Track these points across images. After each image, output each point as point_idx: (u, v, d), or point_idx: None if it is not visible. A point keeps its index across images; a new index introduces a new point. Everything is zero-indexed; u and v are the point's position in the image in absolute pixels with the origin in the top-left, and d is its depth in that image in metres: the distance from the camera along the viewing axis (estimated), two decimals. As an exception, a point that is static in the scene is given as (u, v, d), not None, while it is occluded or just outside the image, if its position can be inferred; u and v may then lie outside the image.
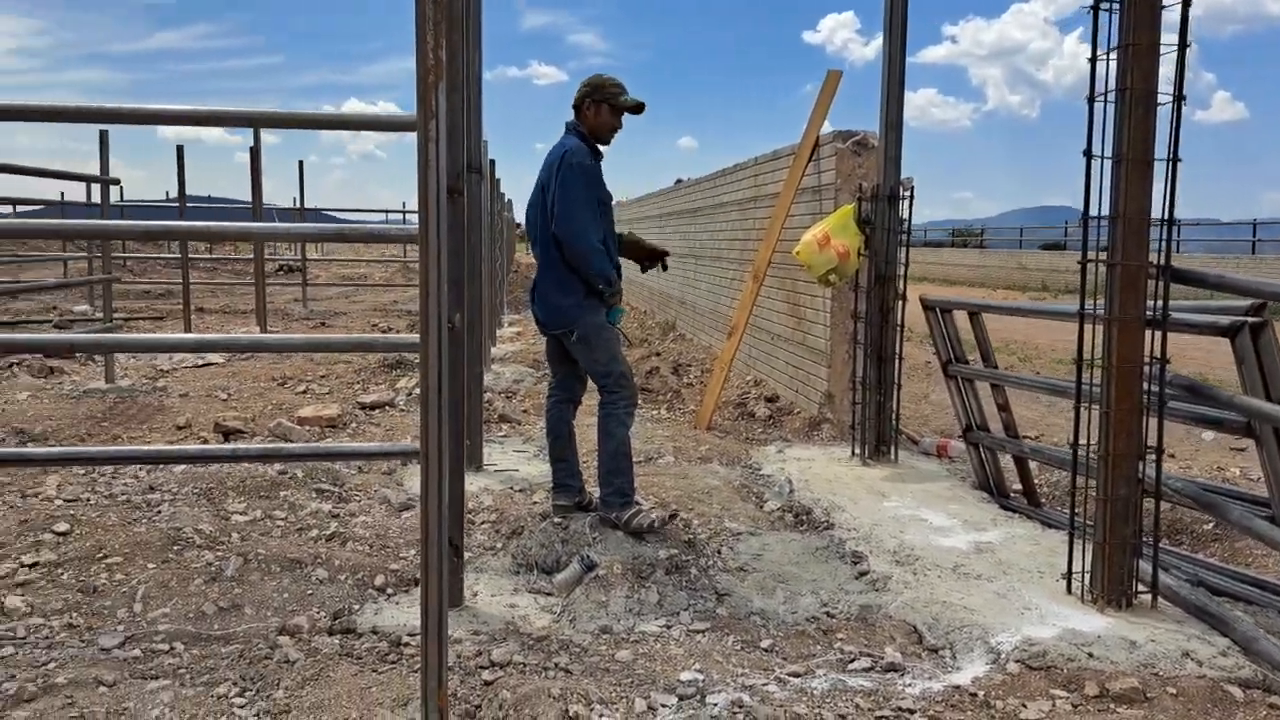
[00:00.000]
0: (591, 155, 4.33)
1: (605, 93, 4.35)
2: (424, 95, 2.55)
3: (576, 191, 4.21)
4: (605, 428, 4.34)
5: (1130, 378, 3.66)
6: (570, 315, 4.32)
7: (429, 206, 2.57)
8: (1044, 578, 3.97)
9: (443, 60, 2.55)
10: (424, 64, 2.55)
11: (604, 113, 4.37)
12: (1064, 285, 25.46)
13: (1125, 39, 3.54)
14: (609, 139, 4.44)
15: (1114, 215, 3.62)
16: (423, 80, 2.55)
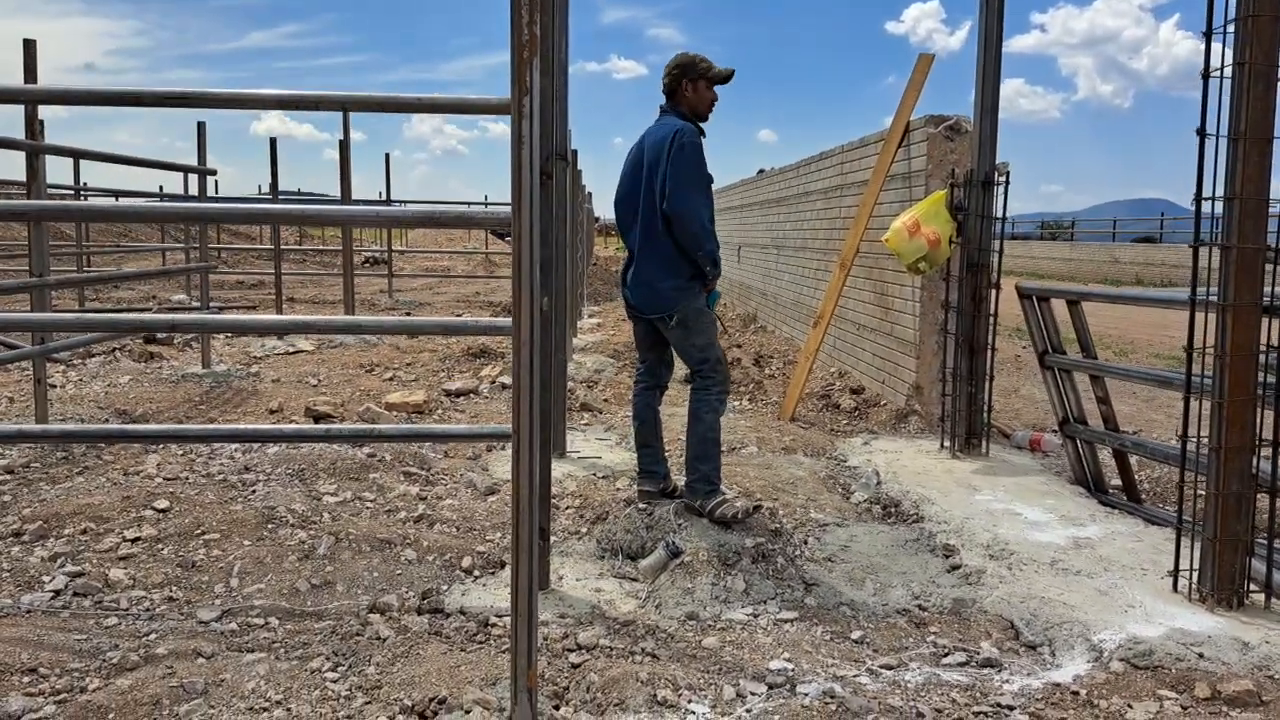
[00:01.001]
0: (698, 134, 4.28)
1: (698, 69, 4.31)
2: (519, 71, 2.54)
3: (690, 170, 4.14)
4: (697, 412, 4.27)
5: (1245, 367, 3.48)
6: (672, 298, 4.23)
7: (522, 186, 2.56)
8: (1148, 575, 3.81)
9: (537, 35, 2.53)
10: (518, 38, 2.54)
11: (701, 89, 4.32)
12: (1158, 278, 24.55)
13: (1245, 10, 3.36)
14: (709, 114, 4.38)
15: (1229, 196, 3.45)
16: (517, 55, 2.54)
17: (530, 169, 2.56)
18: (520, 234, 2.58)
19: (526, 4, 2.53)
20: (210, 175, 7.98)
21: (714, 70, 4.33)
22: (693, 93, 4.32)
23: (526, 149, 2.55)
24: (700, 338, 4.28)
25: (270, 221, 4.67)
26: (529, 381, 2.61)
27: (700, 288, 4.25)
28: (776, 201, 12.51)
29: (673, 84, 4.34)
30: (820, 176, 10.01)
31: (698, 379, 4.32)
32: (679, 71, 4.32)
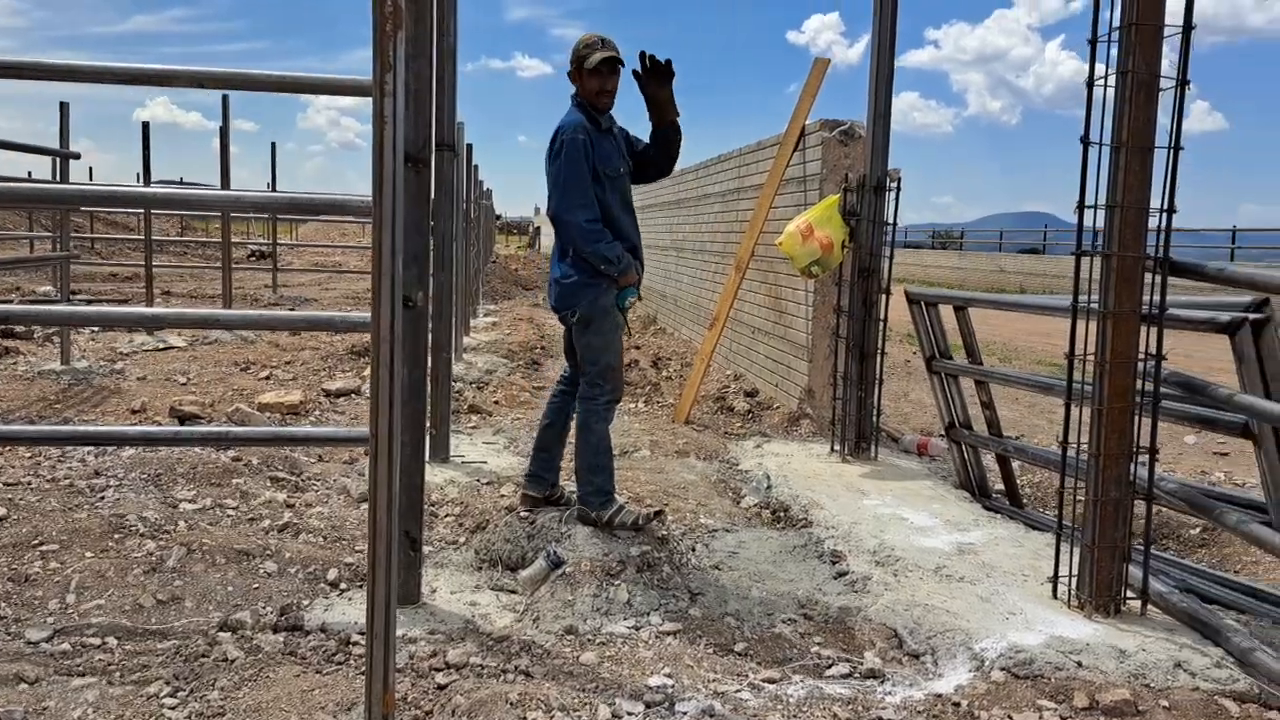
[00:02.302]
0: (590, 125, 4.00)
1: (577, 57, 4.04)
2: (381, 45, 2.33)
3: (561, 168, 3.93)
4: (586, 423, 4.07)
5: (1124, 374, 3.50)
6: (573, 293, 4.02)
7: (384, 169, 2.36)
8: (1029, 581, 3.81)
9: (401, 7, 2.34)
10: (381, 10, 2.33)
11: (585, 77, 4.03)
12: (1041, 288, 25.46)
13: (1129, 18, 3.37)
14: (604, 102, 4.06)
15: (1111, 204, 3.46)
16: (379, 29, 2.33)
17: (394, 152, 2.36)
18: (381, 221, 2.38)
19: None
20: (73, 159, 7.46)
21: (590, 58, 4.00)
22: (579, 81, 4.07)
23: (390, 130, 2.35)
24: (597, 339, 4.06)
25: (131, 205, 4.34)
26: (388, 381, 2.41)
27: (608, 284, 4.01)
28: (676, 204, 12.46)
29: (568, 71, 4.14)
30: (718, 179, 9.97)
31: (585, 385, 4.11)
32: (570, 60, 4.11)
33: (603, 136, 4.04)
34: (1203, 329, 3.45)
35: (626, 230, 4.10)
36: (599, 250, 3.94)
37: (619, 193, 4.09)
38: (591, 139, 3.96)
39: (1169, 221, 3.40)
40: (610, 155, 4.04)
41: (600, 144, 4.00)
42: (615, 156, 4.07)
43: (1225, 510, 3.40)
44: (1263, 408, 3.12)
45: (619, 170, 4.07)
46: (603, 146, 4.01)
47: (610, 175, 4.03)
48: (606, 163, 4.01)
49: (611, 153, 4.06)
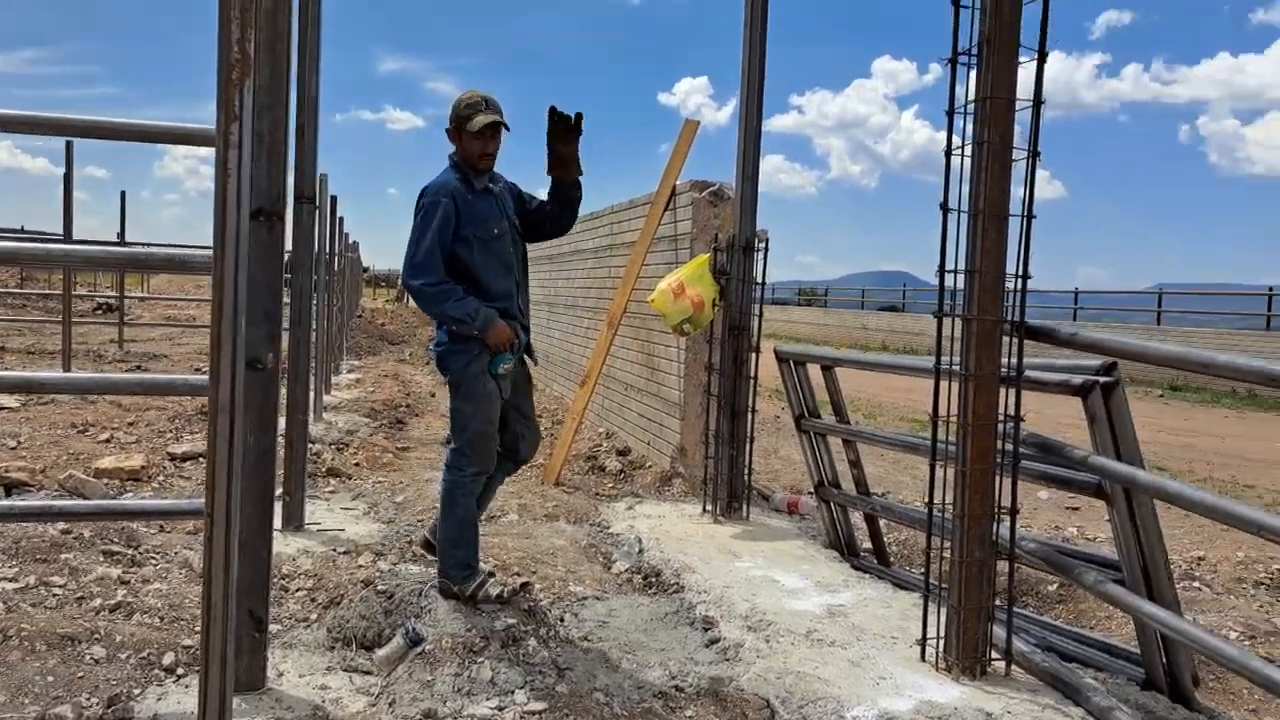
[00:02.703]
0: (462, 185, 3.83)
1: (458, 117, 3.85)
2: (226, 94, 2.19)
3: (416, 236, 3.78)
4: (450, 495, 3.85)
5: (986, 436, 3.57)
6: (443, 358, 3.87)
7: (227, 224, 2.20)
8: (897, 643, 3.81)
9: (250, 55, 2.19)
10: (227, 58, 2.19)
11: (464, 138, 3.84)
12: (902, 344, 26.45)
13: (983, 92, 3.49)
14: (484, 165, 3.88)
15: (970, 270, 3.55)
16: (225, 76, 2.18)
17: (237, 206, 2.20)
18: (223, 280, 2.21)
19: (237, 20, 2.18)
20: (-110, 202, 6.84)
21: (472, 120, 3.81)
22: (458, 141, 3.88)
23: (234, 182, 2.19)
24: (466, 405, 3.84)
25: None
26: (227, 449, 2.21)
27: (480, 349, 3.78)
28: (549, 258, 12.41)
29: (446, 128, 3.94)
30: (591, 235, 9.97)
31: (451, 453, 3.90)
32: (450, 115, 3.91)
33: (478, 197, 3.86)
34: (1057, 391, 3.56)
35: (499, 293, 3.88)
36: (445, 310, 3.76)
37: (494, 254, 3.88)
38: (459, 202, 3.79)
39: (1024, 287, 3.51)
40: (483, 216, 3.86)
41: (472, 206, 3.83)
42: (492, 217, 3.88)
43: (1083, 570, 3.48)
44: (1114, 469, 3.21)
45: (492, 232, 3.87)
46: (475, 208, 3.83)
47: (481, 237, 3.84)
48: (478, 225, 3.83)
49: (486, 213, 3.87)
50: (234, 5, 2.11)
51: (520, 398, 4.05)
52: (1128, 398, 3.37)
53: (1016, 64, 3.54)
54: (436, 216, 3.75)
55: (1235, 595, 5.02)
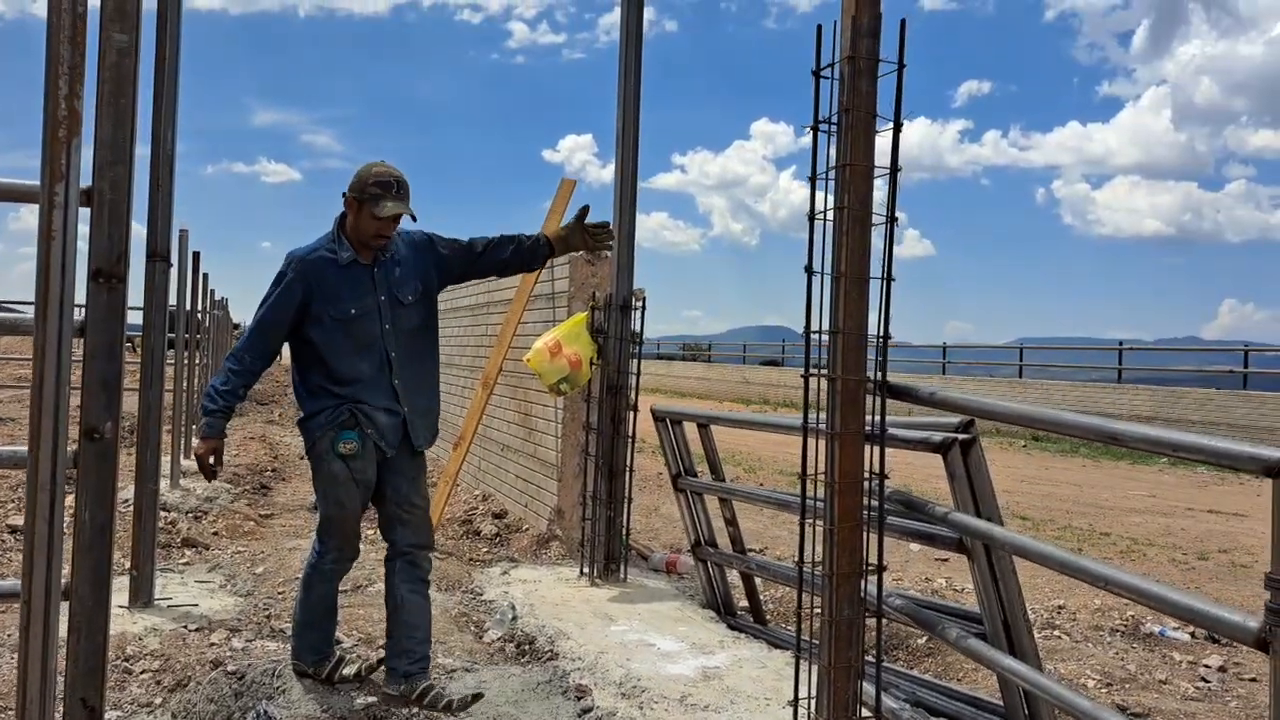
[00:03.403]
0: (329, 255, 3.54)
1: (365, 191, 3.48)
2: (52, 153, 2.07)
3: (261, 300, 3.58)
4: (307, 578, 3.71)
5: (853, 494, 3.62)
6: (298, 425, 3.69)
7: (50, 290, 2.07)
8: (771, 705, 3.79)
9: (78, 112, 2.09)
10: (54, 115, 2.07)
11: (363, 215, 3.50)
12: (782, 399, 26.98)
13: (843, 159, 3.60)
14: (375, 244, 3.56)
15: (834, 330, 3.63)
16: (51, 134, 2.07)
17: (61, 270, 2.07)
18: (44, 348, 2.07)
19: (65, 76, 2.08)
20: None
21: (379, 204, 3.47)
22: (353, 214, 3.55)
23: (58, 245, 2.07)
24: (316, 483, 3.66)
25: None
26: (46, 530, 2.05)
27: (323, 426, 3.52)
28: (424, 316, 12.23)
29: (344, 195, 3.61)
30: (468, 292, 9.86)
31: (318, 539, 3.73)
32: (352, 183, 3.56)
33: (343, 271, 3.53)
34: (919, 449, 3.64)
35: (346, 377, 3.52)
36: (209, 386, 3.54)
37: (349, 335, 3.53)
38: (313, 279, 3.50)
39: (885, 347, 3.60)
40: (341, 295, 3.51)
41: (332, 282, 3.51)
42: (354, 295, 3.53)
43: (946, 625, 3.54)
44: (973, 526, 3.29)
45: (348, 312, 3.51)
46: (334, 285, 3.51)
47: (335, 317, 3.50)
48: (331, 303, 3.50)
49: (348, 291, 3.52)
50: (61, 60, 2.01)
51: (398, 479, 3.68)
52: (989, 450, 3.47)
53: (874, 133, 3.66)
54: (277, 292, 3.53)
55: (1093, 643, 5.20)
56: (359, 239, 3.56)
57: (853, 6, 3.62)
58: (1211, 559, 7.85)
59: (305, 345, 3.56)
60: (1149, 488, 12.49)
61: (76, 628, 2.58)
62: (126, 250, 3.11)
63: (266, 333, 3.53)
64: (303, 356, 3.59)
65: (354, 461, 3.54)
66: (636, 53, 5.93)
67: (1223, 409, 17.94)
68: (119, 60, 3.11)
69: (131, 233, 3.37)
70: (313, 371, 3.56)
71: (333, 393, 3.52)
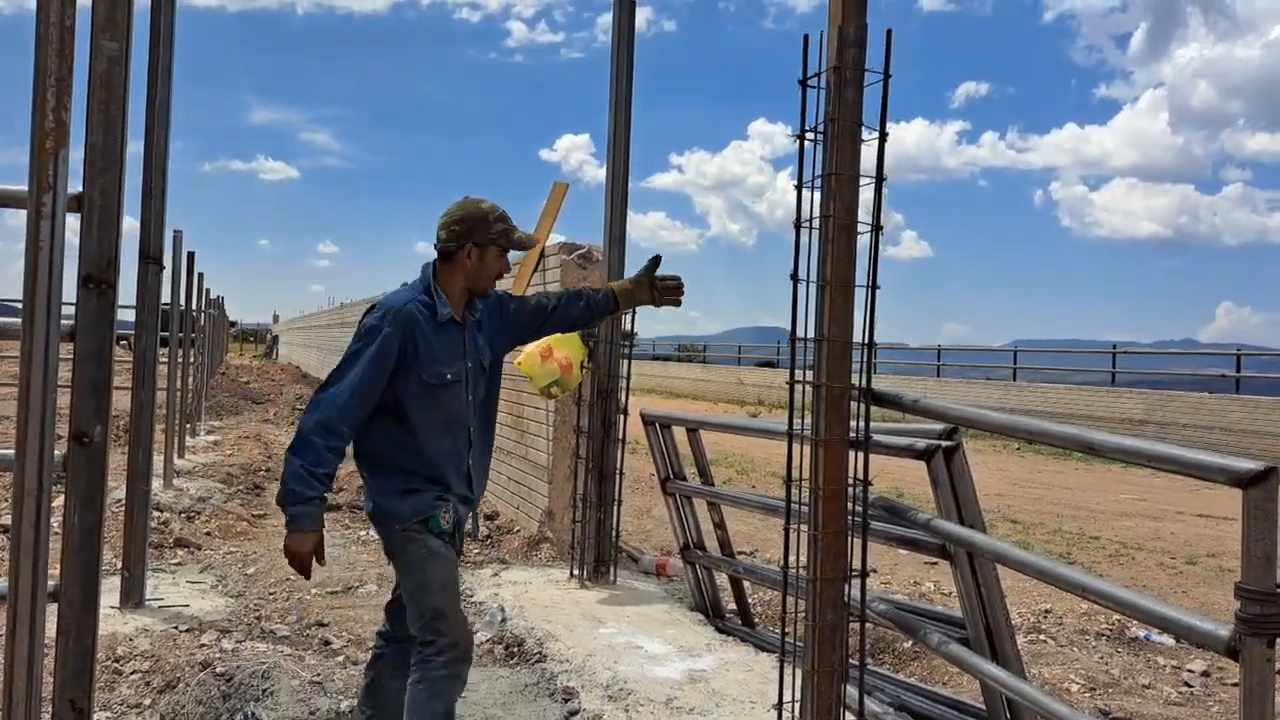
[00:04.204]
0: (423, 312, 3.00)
1: (491, 231, 3.05)
2: (39, 164, 2.10)
3: (345, 355, 2.96)
4: (414, 700, 2.91)
5: (837, 499, 3.65)
6: (375, 510, 3.02)
7: (37, 298, 2.10)
8: (756, 708, 3.83)
9: (66, 124, 2.12)
10: (42, 126, 2.11)
11: (490, 258, 3.07)
12: (777, 400, 27.03)
13: (829, 168, 3.64)
14: (488, 290, 3.14)
15: (819, 338, 3.66)
16: (38, 146, 2.10)
17: (49, 278, 2.11)
18: (32, 354, 2.10)
19: (53, 88, 2.11)
20: None
21: (515, 234, 3.11)
22: (476, 261, 3.04)
23: (45, 255, 2.10)
24: (413, 576, 2.96)
25: None
26: (33, 535, 2.08)
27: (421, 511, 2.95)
28: (419, 317, 12.27)
29: (451, 244, 3.05)
30: (461, 295, 9.91)
31: (418, 644, 2.97)
32: (463, 229, 3.04)
33: (440, 331, 3.01)
34: (903, 455, 3.68)
35: (433, 456, 3.00)
36: (288, 466, 2.82)
37: (439, 405, 3.00)
38: (411, 334, 2.95)
39: (869, 354, 3.64)
40: (438, 354, 3.00)
41: (429, 342, 2.98)
42: (449, 358, 3.03)
43: (929, 630, 3.58)
44: (956, 533, 3.33)
45: (444, 376, 2.99)
46: (431, 345, 2.98)
47: (428, 381, 2.97)
48: (426, 364, 2.96)
49: (444, 353, 3.02)
50: (49, 72, 2.04)
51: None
52: (982, 453, 3.50)
53: (859, 142, 3.70)
54: (374, 349, 2.91)
55: (1078, 647, 5.24)
56: (478, 288, 3.10)
57: (839, 16, 3.65)
58: (1200, 563, 7.89)
59: (383, 414, 2.98)
60: (1140, 491, 12.54)
61: (65, 630, 2.61)
62: (116, 256, 3.14)
63: (367, 397, 2.90)
64: (377, 428, 2.98)
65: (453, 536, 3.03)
66: (629, 54, 5.96)
67: (1216, 413, 18.01)
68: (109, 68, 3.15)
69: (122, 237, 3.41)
70: (390, 445, 2.98)
71: (418, 473, 2.98)
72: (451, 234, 3.05)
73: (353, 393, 2.87)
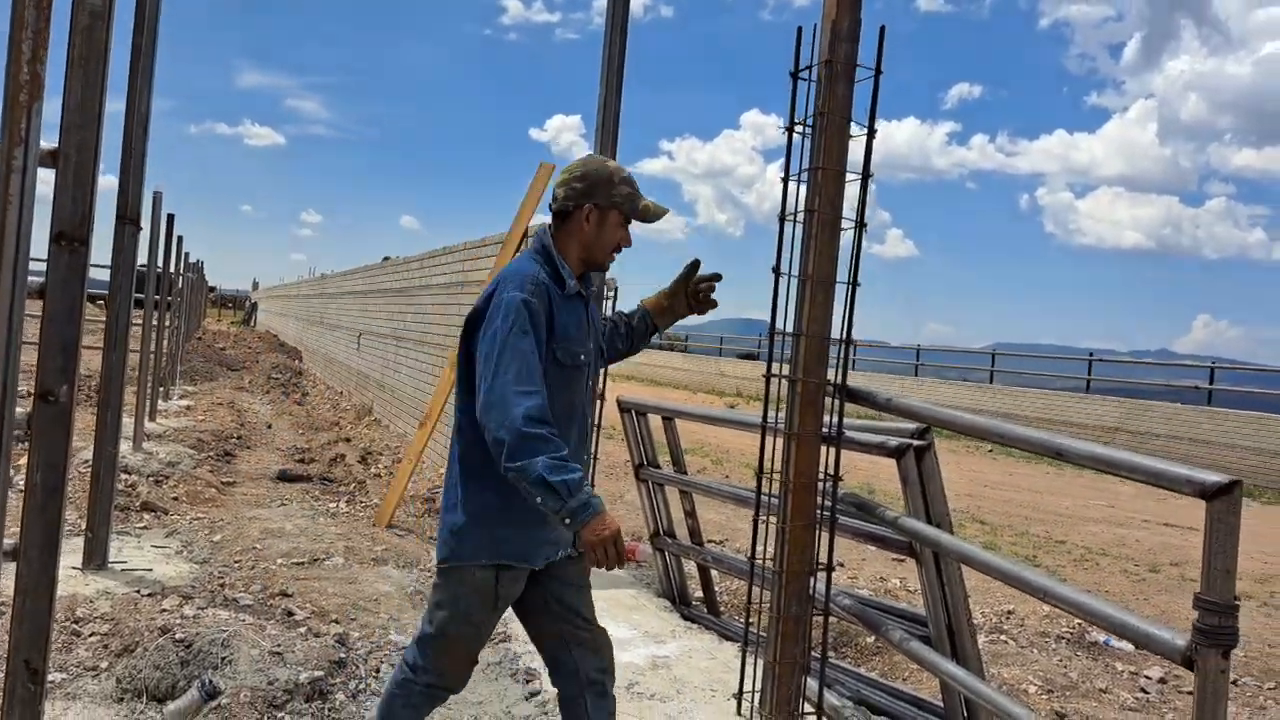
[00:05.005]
0: (551, 284, 2.58)
1: (615, 195, 2.69)
2: (12, 117, 2.07)
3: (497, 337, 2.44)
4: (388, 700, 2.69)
5: (807, 493, 3.67)
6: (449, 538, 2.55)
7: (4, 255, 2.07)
8: (716, 697, 3.85)
9: (41, 77, 2.09)
10: (15, 79, 2.08)
11: (610, 223, 2.70)
12: (756, 393, 27.10)
13: (816, 162, 3.63)
14: (605, 262, 2.77)
15: (798, 333, 3.67)
16: (11, 99, 2.07)
17: (17, 234, 2.07)
18: None
19: (29, 40, 2.08)
20: None
21: (642, 203, 2.75)
22: (594, 226, 2.68)
23: (14, 210, 2.07)
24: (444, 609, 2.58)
25: None
26: None
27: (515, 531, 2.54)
28: (399, 291, 12.18)
29: (569, 203, 2.67)
30: (443, 271, 9.84)
31: (406, 658, 2.70)
32: (584, 188, 2.67)
33: (568, 302, 2.63)
34: (874, 452, 3.69)
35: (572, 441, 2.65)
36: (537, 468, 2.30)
37: (567, 389, 2.62)
38: (549, 306, 2.55)
39: (846, 351, 3.64)
40: (574, 331, 2.63)
41: (562, 313, 2.60)
42: (580, 335, 2.65)
43: (891, 626, 3.60)
44: (922, 532, 3.34)
45: (577, 357, 2.62)
46: (563, 318, 2.60)
47: (565, 361, 2.58)
48: (561, 340, 2.57)
49: (576, 327, 2.64)
50: (25, 24, 2.00)
51: (561, 586, 2.75)
52: (956, 454, 3.52)
53: (848, 137, 3.70)
54: (525, 320, 2.47)
55: (1038, 649, 5.29)
56: (594, 259, 2.74)
57: (833, 11, 3.64)
58: (1163, 571, 7.98)
59: None
60: (1108, 498, 12.67)
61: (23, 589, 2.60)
62: (90, 214, 3.10)
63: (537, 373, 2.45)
64: None
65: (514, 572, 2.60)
66: (621, 39, 5.92)
67: (1189, 423, 18.20)
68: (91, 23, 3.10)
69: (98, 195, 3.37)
70: None
71: None
72: (571, 191, 2.67)
73: (532, 371, 2.42)
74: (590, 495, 2.35)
